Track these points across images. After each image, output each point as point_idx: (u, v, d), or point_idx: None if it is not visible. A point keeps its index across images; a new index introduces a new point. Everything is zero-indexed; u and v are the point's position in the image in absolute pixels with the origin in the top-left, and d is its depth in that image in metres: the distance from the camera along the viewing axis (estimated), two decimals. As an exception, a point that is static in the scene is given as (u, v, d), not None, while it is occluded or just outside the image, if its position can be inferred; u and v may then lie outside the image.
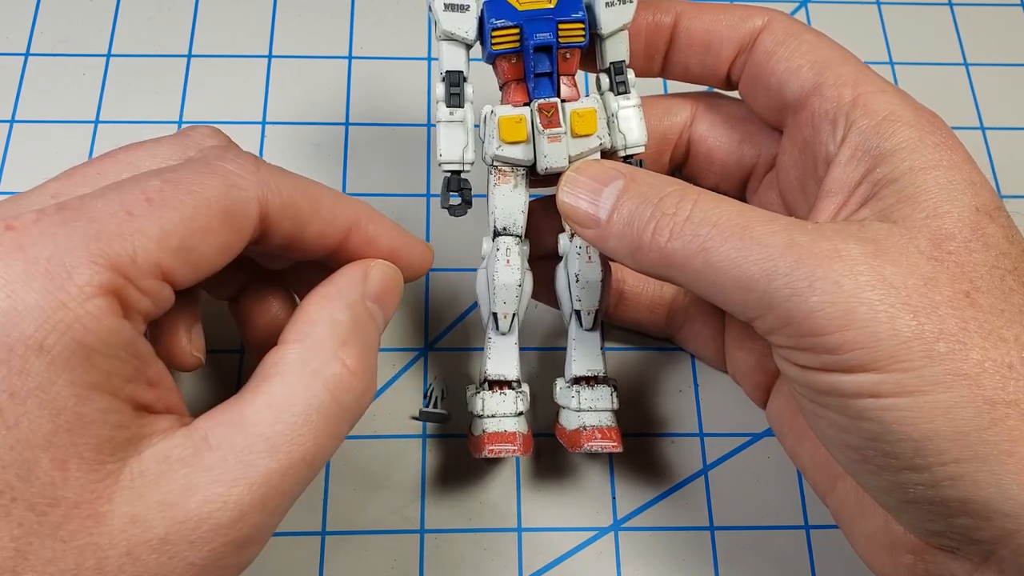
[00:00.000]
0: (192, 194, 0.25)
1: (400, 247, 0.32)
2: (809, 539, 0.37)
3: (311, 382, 0.26)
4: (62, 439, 0.22)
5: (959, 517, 0.25)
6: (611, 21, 0.32)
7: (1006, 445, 0.24)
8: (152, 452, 0.24)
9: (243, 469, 0.24)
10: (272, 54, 0.46)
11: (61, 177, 0.28)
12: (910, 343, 0.25)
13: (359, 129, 0.45)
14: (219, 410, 0.25)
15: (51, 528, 0.22)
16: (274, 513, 0.25)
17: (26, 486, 0.22)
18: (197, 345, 0.31)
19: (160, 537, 0.23)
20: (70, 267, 0.23)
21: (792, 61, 0.32)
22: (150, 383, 0.25)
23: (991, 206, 0.28)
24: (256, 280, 0.34)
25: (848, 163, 0.29)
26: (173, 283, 0.25)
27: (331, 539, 0.36)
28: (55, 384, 0.22)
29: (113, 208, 0.24)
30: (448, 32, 0.32)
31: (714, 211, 0.27)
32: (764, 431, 0.39)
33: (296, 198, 0.28)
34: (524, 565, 0.36)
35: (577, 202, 0.30)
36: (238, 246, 0.27)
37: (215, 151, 0.28)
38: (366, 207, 0.31)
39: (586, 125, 0.32)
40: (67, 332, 0.22)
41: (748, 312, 0.27)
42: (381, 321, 0.30)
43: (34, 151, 0.43)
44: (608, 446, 0.33)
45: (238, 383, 0.39)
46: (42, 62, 0.45)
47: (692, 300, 0.38)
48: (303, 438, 0.25)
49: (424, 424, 0.38)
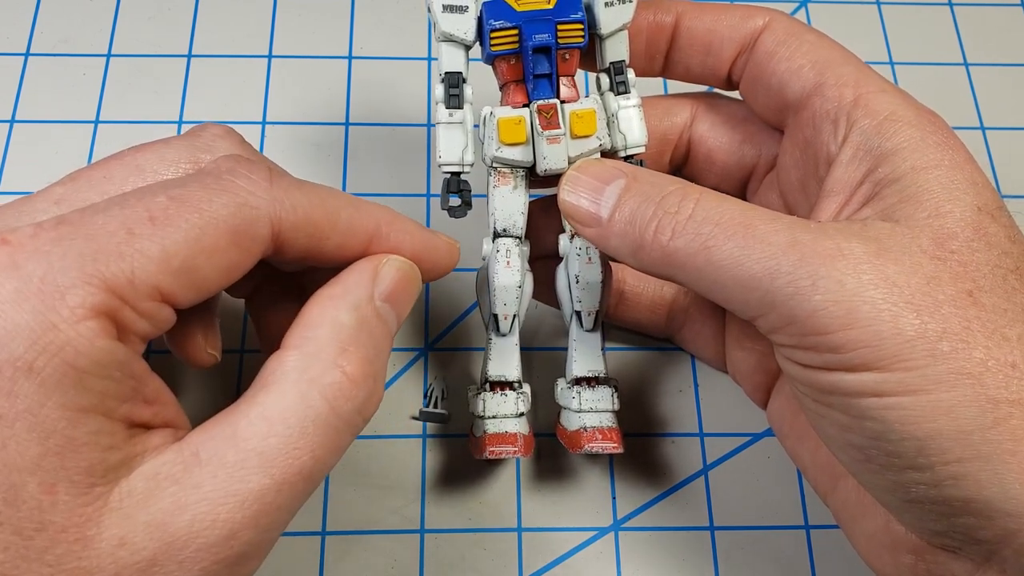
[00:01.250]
0: (199, 212, 0.24)
1: (423, 249, 0.30)
2: (809, 539, 0.37)
3: (308, 391, 0.25)
4: (51, 462, 0.22)
5: (961, 517, 0.25)
6: (610, 21, 0.32)
7: (1009, 444, 0.24)
8: (142, 470, 0.23)
9: (234, 485, 0.23)
10: (272, 54, 0.46)
11: (66, 181, 0.28)
12: (913, 342, 0.25)
13: (359, 129, 0.44)
14: (213, 423, 0.25)
15: (38, 552, 0.21)
16: (269, 529, 0.24)
17: (12, 510, 0.21)
18: (213, 343, 0.31)
19: (148, 559, 0.22)
20: (63, 288, 0.22)
21: (793, 61, 0.32)
22: (147, 401, 0.24)
23: (993, 205, 0.28)
24: (272, 279, 0.33)
25: (850, 163, 0.29)
26: (174, 304, 0.25)
27: (331, 539, 0.36)
28: (44, 406, 0.21)
29: (114, 225, 0.23)
30: (447, 33, 0.32)
31: (716, 210, 0.27)
32: (764, 431, 0.39)
33: (312, 213, 0.27)
34: (524, 565, 0.36)
35: (579, 201, 0.30)
36: (246, 265, 0.26)
37: (228, 163, 0.27)
38: (386, 212, 0.30)
39: (585, 126, 0.32)
40: (58, 354, 0.21)
41: (750, 311, 0.27)
42: (393, 322, 0.29)
43: (34, 151, 0.43)
44: (609, 447, 0.33)
45: (238, 384, 0.39)
46: (42, 62, 0.45)
47: (692, 300, 0.38)
48: (299, 451, 0.24)
49: (424, 424, 0.38)
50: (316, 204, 0.27)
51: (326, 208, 0.27)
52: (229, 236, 0.25)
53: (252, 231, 0.25)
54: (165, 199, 0.24)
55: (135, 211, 0.24)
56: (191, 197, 0.25)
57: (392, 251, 0.29)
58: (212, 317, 0.31)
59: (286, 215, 0.26)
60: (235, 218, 0.25)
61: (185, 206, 0.24)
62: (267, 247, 0.26)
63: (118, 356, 0.23)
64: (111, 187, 0.27)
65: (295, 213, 0.26)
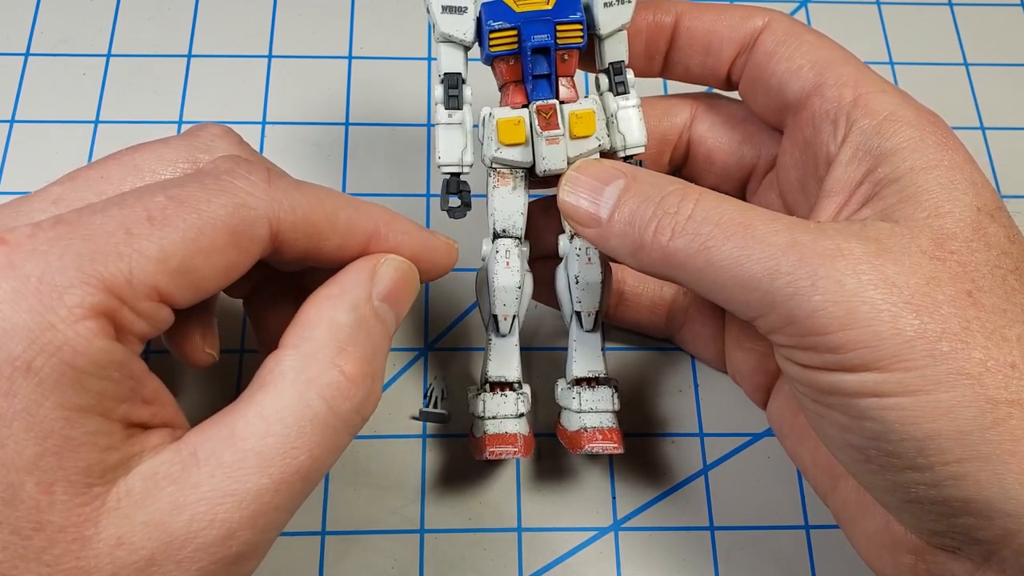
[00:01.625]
0: (197, 213, 0.24)
1: (422, 249, 0.30)
2: (809, 539, 0.37)
3: (305, 391, 0.25)
4: (49, 462, 0.22)
5: (961, 517, 0.25)
6: (609, 21, 0.32)
7: (1008, 445, 0.24)
8: (140, 470, 0.23)
9: (232, 485, 0.23)
10: (272, 54, 0.46)
11: (64, 180, 0.28)
12: (913, 342, 0.25)
13: (359, 129, 0.45)
14: (210, 423, 0.25)
15: (36, 552, 0.21)
16: (267, 529, 0.24)
17: (11, 510, 0.21)
18: (210, 342, 0.31)
19: (146, 559, 0.22)
20: (61, 287, 0.22)
21: (793, 61, 0.32)
22: (145, 401, 0.24)
23: (992, 206, 0.28)
24: (271, 279, 0.33)
25: (849, 163, 0.29)
26: (172, 304, 0.24)
27: (331, 539, 0.36)
28: (42, 406, 0.21)
29: (112, 225, 0.23)
30: (446, 34, 0.32)
31: (716, 210, 0.27)
32: (764, 431, 0.39)
33: (311, 214, 0.27)
34: (524, 565, 0.36)
35: (578, 201, 0.30)
36: (244, 266, 0.26)
37: (227, 163, 0.26)
38: (385, 212, 0.30)
39: (584, 127, 0.32)
40: (56, 354, 0.21)
41: (750, 311, 0.27)
42: (392, 321, 0.29)
43: (34, 151, 0.43)
44: (609, 447, 0.33)
45: (237, 384, 0.39)
46: (42, 62, 0.45)
47: (692, 301, 0.38)
48: (296, 451, 0.24)
49: (424, 424, 0.38)
50: (315, 204, 0.27)
51: (325, 208, 0.27)
52: (227, 236, 0.25)
53: (250, 231, 0.25)
54: (163, 199, 0.24)
55: (133, 211, 0.24)
56: (189, 197, 0.25)
57: (391, 251, 0.29)
58: (210, 317, 0.31)
59: (285, 215, 0.26)
60: (233, 218, 0.25)
61: (183, 206, 0.24)
62: (265, 247, 0.26)
63: (116, 356, 0.23)
64: (109, 187, 0.27)
65: (294, 213, 0.26)
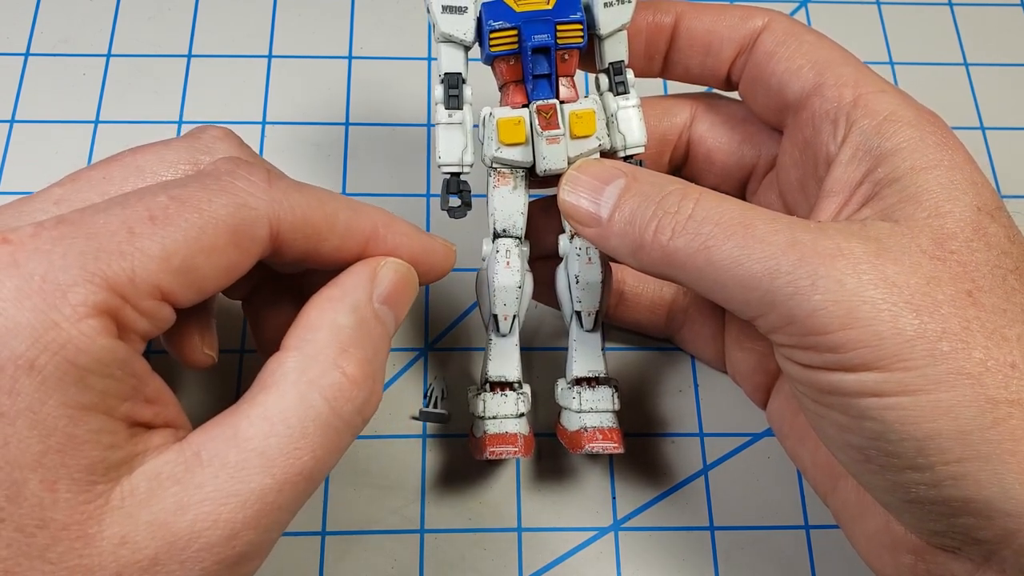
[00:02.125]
0: (199, 212, 0.24)
1: (420, 252, 0.30)
2: (809, 539, 0.37)
3: (308, 392, 0.25)
4: (52, 460, 0.22)
5: (961, 517, 0.25)
6: (609, 21, 0.32)
7: (1009, 444, 0.24)
8: (143, 470, 0.23)
9: (235, 486, 0.23)
10: (272, 54, 0.46)
11: (65, 181, 0.28)
12: (913, 342, 0.25)
13: (359, 129, 0.45)
14: (214, 423, 0.25)
15: (39, 550, 0.22)
16: (270, 529, 0.24)
17: (14, 507, 0.21)
18: (209, 343, 0.31)
19: (150, 558, 0.22)
20: (64, 286, 0.22)
21: (793, 61, 0.32)
22: (148, 400, 0.24)
23: (992, 206, 0.28)
24: (269, 281, 0.33)
25: (849, 163, 0.29)
26: (174, 303, 0.25)
27: (331, 539, 0.36)
28: (46, 404, 0.21)
29: (115, 224, 0.23)
30: (446, 34, 0.32)
31: (716, 209, 0.27)
32: (764, 431, 0.39)
33: (311, 215, 0.27)
34: (524, 565, 0.36)
35: (578, 201, 0.30)
36: (245, 266, 0.26)
37: (228, 164, 0.27)
38: (383, 214, 0.30)
39: (585, 126, 0.32)
40: (59, 352, 0.22)
41: (750, 311, 0.27)
42: (392, 323, 0.29)
43: (34, 151, 0.43)
44: (609, 447, 0.33)
45: (238, 384, 0.39)
46: (42, 62, 0.45)
47: (692, 301, 0.38)
48: (300, 452, 0.24)
49: (424, 424, 0.38)
50: (314, 206, 0.27)
51: (324, 210, 0.28)
52: (228, 236, 0.25)
53: (251, 231, 0.26)
54: (165, 199, 0.24)
55: (136, 210, 0.24)
56: (191, 197, 0.25)
57: (389, 253, 0.29)
58: (209, 318, 0.31)
59: (284, 216, 0.26)
60: (234, 218, 0.25)
61: (185, 206, 0.24)
62: (266, 248, 0.26)
63: (119, 354, 0.23)
64: (111, 188, 0.28)
65: (293, 214, 0.27)
